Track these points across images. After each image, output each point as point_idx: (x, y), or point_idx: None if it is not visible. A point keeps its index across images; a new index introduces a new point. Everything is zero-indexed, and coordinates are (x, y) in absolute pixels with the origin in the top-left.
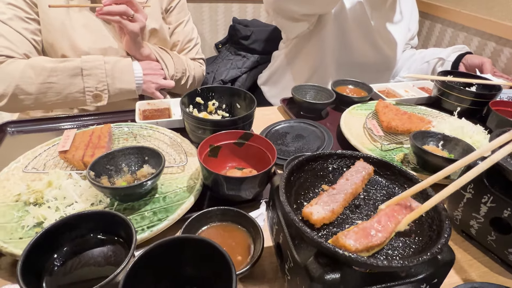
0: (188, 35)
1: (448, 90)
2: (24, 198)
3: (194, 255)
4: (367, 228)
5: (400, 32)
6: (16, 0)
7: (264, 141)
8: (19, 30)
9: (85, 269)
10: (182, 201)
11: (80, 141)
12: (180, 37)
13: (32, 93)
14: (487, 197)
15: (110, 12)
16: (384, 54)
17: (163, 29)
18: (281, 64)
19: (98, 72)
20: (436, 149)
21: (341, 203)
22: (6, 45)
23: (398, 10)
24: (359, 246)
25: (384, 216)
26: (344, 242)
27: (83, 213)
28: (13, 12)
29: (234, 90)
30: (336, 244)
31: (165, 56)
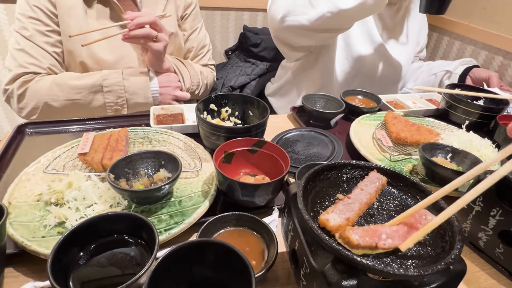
0: (202, 41)
1: (456, 103)
2: (45, 198)
3: (213, 258)
4: (378, 230)
5: (409, 45)
6: (36, 13)
7: (277, 149)
8: (41, 45)
9: (108, 269)
10: (197, 205)
11: (99, 144)
12: (194, 43)
13: (59, 108)
14: (496, 210)
15: (135, 36)
16: (393, 67)
17: (179, 36)
18: (290, 77)
19: (117, 88)
20: (445, 161)
21: (356, 212)
22: (31, 62)
23: (407, 23)
24: (361, 243)
25: (403, 226)
26: (349, 235)
27: (108, 214)
28: (34, 27)
29: (247, 98)
30: (341, 235)
31: (183, 69)
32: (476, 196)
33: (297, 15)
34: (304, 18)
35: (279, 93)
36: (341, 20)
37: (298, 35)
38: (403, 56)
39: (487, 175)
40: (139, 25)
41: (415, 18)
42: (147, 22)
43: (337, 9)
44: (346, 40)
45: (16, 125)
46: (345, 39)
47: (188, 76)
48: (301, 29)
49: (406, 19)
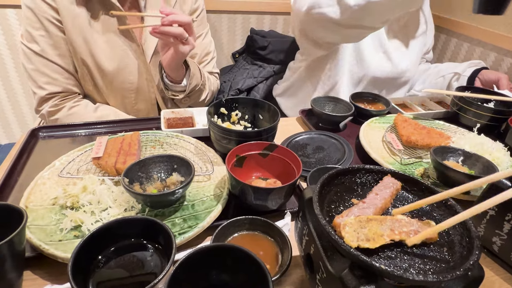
0: (206, 48)
1: (467, 106)
2: (61, 202)
3: (230, 263)
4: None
5: (415, 47)
6: (44, 24)
7: (289, 153)
8: (53, 59)
9: (126, 272)
10: (210, 209)
11: (112, 148)
12: (198, 50)
13: None
14: (510, 215)
15: (167, 33)
16: (400, 69)
17: None
18: (299, 77)
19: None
20: (457, 164)
21: (371, 218)
22: (47, 81)
23: (413, 26)
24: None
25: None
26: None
27: (125, 218)
28: (44, 40)
29: (257, 101)
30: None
31: (194, 66)
32: (493, 205)
33: (323, 7)
34: (330, 11)
35: (287, 93)
36: (369, 15)
37: (325, 29)
38: (409, 58)
39: (504, 180)
40: (173, 22)
41: (420, 20)
42: (182, 21)
43: (364, 1)
44: (356, 42)
45: (30, 129)
46: None
47: (198, 72)
48: (327, 22)
49: (411, 21)
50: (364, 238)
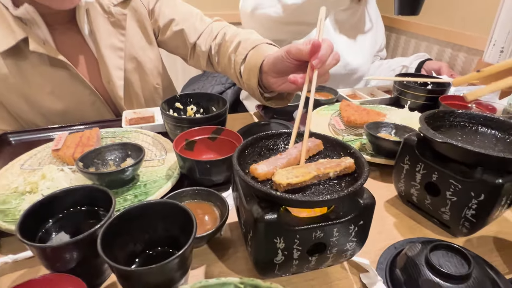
0: (186, 11)
1: (405, 90)
2: (21, 189)
3: (163, 217)
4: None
5: (365, 45)
6: None
7: (234, 134)
8: None
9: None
10: (160, 186)
11: (71, 141)
12: (185, 24)
13: None
14: (419, 165)
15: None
16: (352, 66)
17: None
18: None
19: None
20: (389, 135)
21: (284, 164)
22: None
23: (363, 26)
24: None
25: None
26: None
27: (70, 188)
28: None
29: (210, 95)
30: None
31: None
32: None
33: (265, 8)
34: (271, 10)
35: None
36: (307, 11)
37: (268, 28)
38: (360, 56)
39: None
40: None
41: (370, 20)
42: (329, 52)
43: (301, 0)
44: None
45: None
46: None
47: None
48: (270, 21)
49: (361, 22)
50: (293, 176)
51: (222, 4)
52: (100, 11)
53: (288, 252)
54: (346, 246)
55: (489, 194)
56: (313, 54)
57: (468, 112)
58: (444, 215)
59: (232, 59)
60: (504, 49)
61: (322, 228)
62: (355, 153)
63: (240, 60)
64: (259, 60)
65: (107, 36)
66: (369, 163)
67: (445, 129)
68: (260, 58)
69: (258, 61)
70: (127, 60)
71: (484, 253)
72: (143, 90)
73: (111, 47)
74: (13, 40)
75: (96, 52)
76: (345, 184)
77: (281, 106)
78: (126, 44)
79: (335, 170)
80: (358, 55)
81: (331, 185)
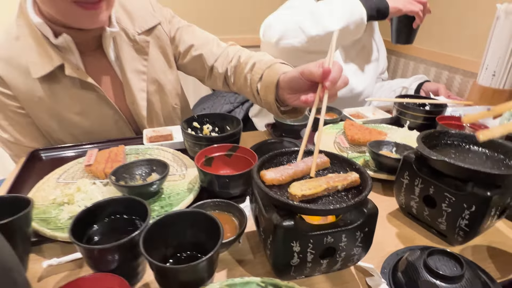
0: (204, 37)
1: (405, 110)
2: (59, 200)
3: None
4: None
5: (370, 71)
6: (8, 115)
7: (248, 151)
8: (30, 145)
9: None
10: (183, 198)
11: (101, 158)
12: (203, 49)
13: None
14: (417, 180)
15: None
16: (357, 91)
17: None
18: None
19: None
20: (389, 153)
21: (290, 174)
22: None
23: (367, 51)
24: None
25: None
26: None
27: (111, 198)
28: (15, 129)
29: (224, 115)
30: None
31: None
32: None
33: (290, 39)
34: (296, 41)
35: (261, 113)
36: (328, 42)
37: (291, 57)
38: (365, 81)
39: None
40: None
41: (373, 47)
42: (339, 75)
43: (324, 32)
44: None
45: (29, 151)
46: None
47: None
48: (293, 51)
49: (366, 49)
50: (307, 188)
51: (240, 29)
52: (126, 39)
53: (303, 255)
54: (353, 250)
55: (479, 206)
56: (324, 78)
57: (461, 132)
58: (441, 225)
59: (248, 78)
60: (496, 73)
61: (332, 234)
62: (359, 168)
63: (257, 78)
64: (275, 78)
65: (131, 61)
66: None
67: (440, 148)
68: (275, 75)
69: (274, 79)
70: (149, 83)
71: (478, 260)
72: (163, 110)
73: (135, 71)
74: (51, 66)
75: (121, 75)
76: (352, 196)
77: (295, 118)
78: (149, 68)
79: (343, 184)
80: (363, 79)
81: (339, 197)
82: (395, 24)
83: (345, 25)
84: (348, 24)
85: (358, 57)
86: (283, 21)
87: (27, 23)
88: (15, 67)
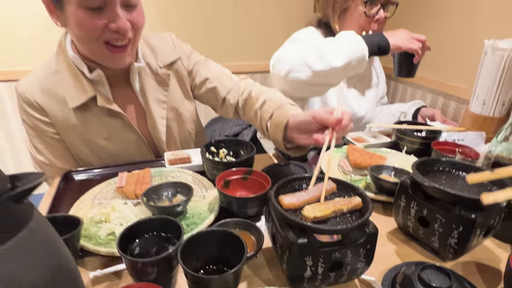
0: (218, 71)
1: (403, 136)
2: (97, 218)
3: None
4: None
5: (371, 96)
6: (46, 140)
7: (262, 175)
8: (63, 167)
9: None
10: (206, 218)
11: (131, 180)
12: (217, 82)
13: None
14: (413, 203)
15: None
16: (359, 115)
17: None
18: None
19: None
20: (388, 177)
21: (305, 200)
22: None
23: (368, 78)
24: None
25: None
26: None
27: (149, 218)
28: (50, 152)
29: (239, 141)
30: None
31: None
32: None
33: (297, 73)
34: (302, 75)
35: None
36: (332, 76)
37: (298, 89)
38: (366, 106)
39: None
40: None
41: (372, 74)
42: (349, 122)
43: (328, 67)
44: (323, 95)
45: (63, 173)
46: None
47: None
48: (300, 83)
49: (367, 76)
50: (317, 211)
51: (250, 56)
52: (149, 72)
53: (314, 268)
54: (357, 265)
55: (465, 227)
56: (337, 124)
57: (451, 160)
58: (434, 243)
59: (258, 114)
60: (486, 102)
61: (339, 250)
62: (362, 193)
63: (267, 117)
64: (284, 119)
65: (154, 92)
66: (373, 200)
67: (432, 174)
68: (285, 117)
69: (283, 120)
70: (169, 111)
71: (468, 275)
72: (180, 135)
73: (157, 101)
74: (85, 98)
75: (144, 104)
76: (355, 217)
77: (299, 154)
78: (169, 98)
79: (347, 207)
80: (364, 104)
81: (345, 218)
82: (397, 59)
83: (348, 61)
84: (351, 60)
85: (359, 83)
86: (291, 57)
87: (65, 59)
88: (53, 98)
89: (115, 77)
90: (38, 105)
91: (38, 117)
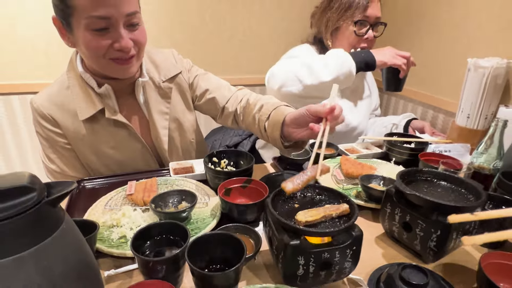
0: (217, 83)
1: (392, 147)
2: (108, 223)
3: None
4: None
5: (363, 107)
6: (58, 150)
7: (260, 183)
8: (73, 175)
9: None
10: (208, 223)
11: (139, 188)
12: (217, 93)
13: None
14: (397, 209)
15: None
16: (352, 126)
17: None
18: None
19: None
20: (377, 186)
21: (305, 181)
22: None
23: (361, 91)
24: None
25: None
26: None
27: (158, 222)
28: (62, 161)
29: (239, 152)
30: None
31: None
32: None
33: (289, 87)
34: (294, 89)
35: (267, 146)
36: (321, 90)
37: (290, 101)
38: (360, 116)
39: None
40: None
41: (364, 87)
42: (340, 113)
43: (318, 81)
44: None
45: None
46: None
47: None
48: (292, 96)
49: (359, 88)
50: (309, 216)
51: (248, 70)
52: (152, 86)
53: (306, 267)
54: (345, 264)
55: (442, 231)
56: (329, 113)
57: (433, 170)
58: (416, 246)
59: (256, 118)
60: (470, 116)
61: (328, 251)
62: (349, 201)
63: (265, 118)
64: (281, 117)
65: (156, 104)
66: (363, 207)
67: (415, 183)
68: (281, 115)
69: (280, 118)
70: (171, 121)
71: (447, 275)
72: (181, 144)
73: (159, 112)
74: (94, 110)
75: (148, 115)
76: (343, 222)
77: (296, 152)
78: (171, 109)
79: (336, 212)
80: (357, 115)
81: (334, 222)
82: (385, 74)
83: (336, 76)
84: (339, 75)
85: (352, 95)
86: (284, 72)
87: (75, 75)
88: (65, 111)
89: (121, 91)
90: (51, 117)
91: (51, 129)
